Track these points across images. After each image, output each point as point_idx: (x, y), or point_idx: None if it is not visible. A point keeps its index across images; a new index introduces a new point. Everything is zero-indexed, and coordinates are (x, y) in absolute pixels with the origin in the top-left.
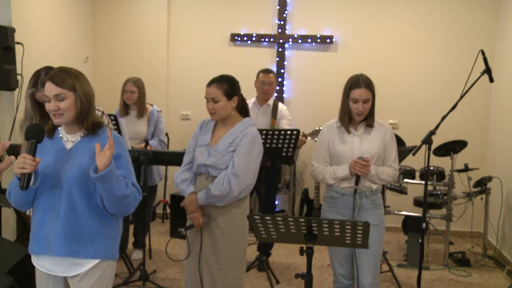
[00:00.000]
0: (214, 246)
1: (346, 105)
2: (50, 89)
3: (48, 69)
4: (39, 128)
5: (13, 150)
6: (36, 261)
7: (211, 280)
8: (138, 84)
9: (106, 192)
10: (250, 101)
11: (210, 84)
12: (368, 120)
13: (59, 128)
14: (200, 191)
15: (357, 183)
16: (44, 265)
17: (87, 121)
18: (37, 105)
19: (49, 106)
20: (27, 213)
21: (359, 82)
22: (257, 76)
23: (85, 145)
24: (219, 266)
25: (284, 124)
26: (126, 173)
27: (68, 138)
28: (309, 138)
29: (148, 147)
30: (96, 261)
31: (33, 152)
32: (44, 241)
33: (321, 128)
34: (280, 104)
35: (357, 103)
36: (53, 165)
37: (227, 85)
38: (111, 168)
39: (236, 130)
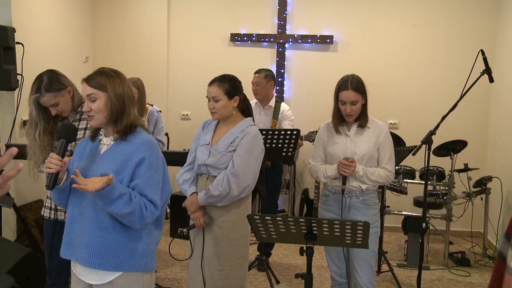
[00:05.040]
0: (215, 247)
1: (336, 106)
2: (84, 89)
3: (50, 73)
4: (71, 128)
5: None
6: (72, 263)
7: (213, 281)
8: (137, 84)
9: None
10: (253, 101)
11: (211, 83)
12: (360, 120)
13: (100, 130)
14: (201, 191)
15: (344, 182)
16: (76, 269)
17: (120, 124)
18: (42, 110)
19: (84, 107)
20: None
21: (346, 84)
22: None
23: (113, 152)
24: (221, 267)
25: (286, 125)
26: (141, 183)
27: (104, 141)
28: (305, 141)
29: None
30: (119, 273)
31: (62, 152)
32: (71, 246)
33: (317, 130)
34: (282, 105)
35: (345, 105)
36: (84, 169)
37: (228, 84)
38: (109, 188)
39: (236, 129)
